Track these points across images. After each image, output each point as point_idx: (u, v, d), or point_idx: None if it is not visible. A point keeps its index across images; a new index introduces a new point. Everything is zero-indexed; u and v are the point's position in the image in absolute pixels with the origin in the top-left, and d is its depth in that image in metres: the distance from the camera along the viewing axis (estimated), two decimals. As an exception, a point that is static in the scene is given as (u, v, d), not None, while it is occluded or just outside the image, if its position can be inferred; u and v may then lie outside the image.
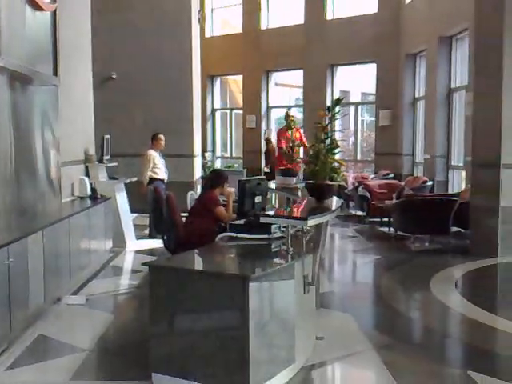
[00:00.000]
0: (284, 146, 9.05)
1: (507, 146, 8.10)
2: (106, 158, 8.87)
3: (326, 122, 5.42)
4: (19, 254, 4.66)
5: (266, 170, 14.48)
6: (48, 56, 6.52)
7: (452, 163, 11.90)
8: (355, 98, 18.07)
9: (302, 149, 9.30)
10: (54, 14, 6.50)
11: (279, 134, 11.37)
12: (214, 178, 5.99)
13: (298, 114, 16.77)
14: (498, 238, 8.10)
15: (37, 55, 6.17)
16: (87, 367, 4.32)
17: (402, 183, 11.72)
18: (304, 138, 10.23)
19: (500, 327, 5.29)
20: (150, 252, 7.75)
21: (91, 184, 7.95)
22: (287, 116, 9.34)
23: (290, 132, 9.06)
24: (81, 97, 8.27)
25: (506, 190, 8.13)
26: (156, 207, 6.16)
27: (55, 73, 6.62)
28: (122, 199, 8.81)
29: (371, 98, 16.04)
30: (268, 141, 15.18)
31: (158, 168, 9.04)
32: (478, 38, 8.80)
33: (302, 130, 11.10)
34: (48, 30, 6.49)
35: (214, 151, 18.38)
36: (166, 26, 11.90)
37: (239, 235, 4.57)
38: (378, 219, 10.99)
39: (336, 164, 5.43)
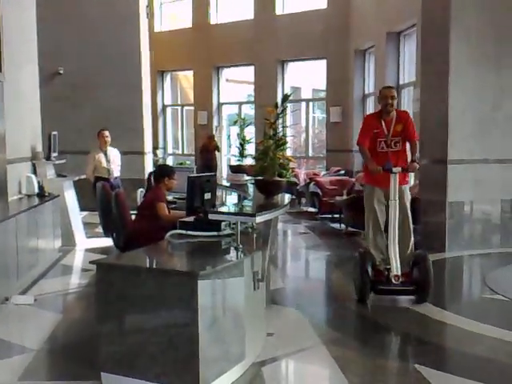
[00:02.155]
0: None
1: (454, 142, 8.29)
2: (54, 154, 8.71)
3: (275, 119, 5.45)
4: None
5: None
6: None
7: None
8: (306, 94, 18.20)
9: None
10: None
11: None
12: (156, 173, 5.95)
13: (250, 111, 16.82)
14: (445, 233, 8.31)
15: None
16: (36, 367, 4.27)
17: (353, 179, 11.87)
18: None
19: (448, 321, 5.40)
20: (101, 250, 7.65)
21: (39, 182, 7.82)
22: None
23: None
24: (27, 92, 8.12)
25: (452, 185, 8.33)
26: (105, 205, 6.09)
27: (0, 69, 6.48)
28: (70, 197, 8.69)
29: (322, 95, 16.19)
30: (211, 138, 15.05)
31: (103, 167, 8.94)
32: (425, 33, 8.94)
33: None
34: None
35: (165, 148, 18.25)
36: (114, 21, 11.74)
37: (189, 232, 4.56)
38: (330, 215, 11.11)
39: (285, 160, 5.48)
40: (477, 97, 8.33)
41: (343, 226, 10.16)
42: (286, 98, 5.67)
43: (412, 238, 5.89)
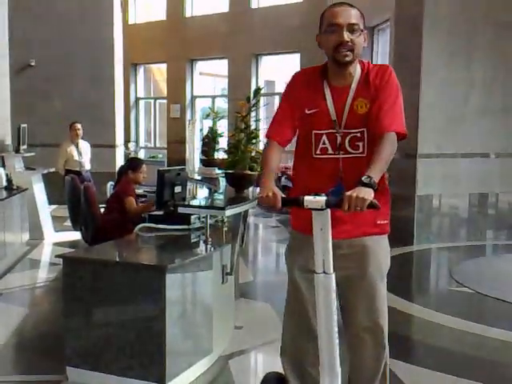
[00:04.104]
0: None
1: (424, 136, 8.38)
2: (23, 147, 8.62)
3: (247, 112, 5.46)
4: None
5: None
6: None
7: None
8: (281, 88, 18.21)
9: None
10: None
11: None
12: (125, 166, 5.92)
13: (223, 104, 16.77)
14: (414, 227, 8.41)
15: None
16: (1, 362, 4.23)
17: None
18: None
19: (414, 313, 5.47)
20: (70, 244, 7.58)
21: (7, 174, 7.70)
22: None
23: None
24: (-4, 84, 8.02)
25: (421, 179, 8.43)
26: (74, 198, 6.04)
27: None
28: (39, 190, 8.59)
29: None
30: None
31: (74, 160, 8.87)
32: (398, 28, 9.00)
33: None
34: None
35: (137, 141, 18.13)
36: (87, 12, 11.63)
37: (158, 226, 4.54)
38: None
39: (256, 154, 5.48)
40: (447, 92, 8.44)
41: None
42: (257, 91, 5.68)
43: (385, 354, 2.86)
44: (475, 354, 4.56)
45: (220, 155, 7.11)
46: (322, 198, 2.38)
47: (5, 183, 7.55)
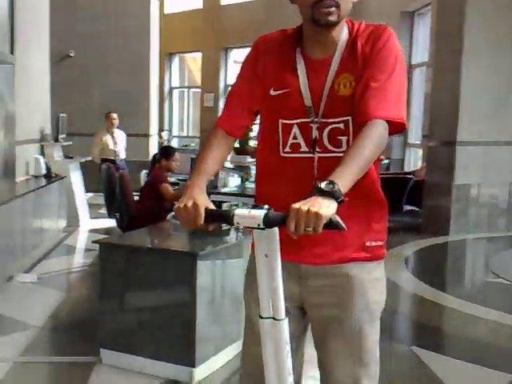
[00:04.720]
0: None
1: (464, 124, 8.12)
2: (62, 136, 8.80)
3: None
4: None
5: None
6: (4, 34, 6.43)
7: (409, 141, 11.79)
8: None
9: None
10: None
11: None
12: (158, 154, 5.99)
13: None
14: (450, 216, 8.22)
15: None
16: (38, 343, 4.34)
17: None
18: None
19: (447, 304, 5.39)
20: (105, 231, 7.71)
21: (46, 163, 7.89)
22: None
23: None
24: (37, 75, 8.16)
25: (460, 167, 8.20)
26: (109, 186, 6.13)
27: (11, 51, 6.53)
28: (76, 178, 8.74)
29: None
30: None
31: (109, 149, 9.00)
32: (439, 13, 8.75)
33: None
34: (5, 10, 6.39)
35: (170, 130, 18.26)
36: (125, 3, 11.75)
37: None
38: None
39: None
40: (490, 78, 8.14)
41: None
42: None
43: None
44: (509, 346, 4.49)
45: (252, 143, 7.10)
46: (260, 213, 1.61)
47: (44, 171, 7.73)
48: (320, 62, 1.91)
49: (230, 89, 2.11)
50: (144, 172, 7.69)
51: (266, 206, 1.62)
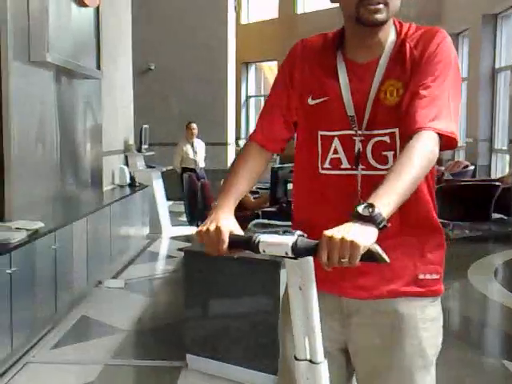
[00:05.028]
0: None
1: None
2: (144, 147, 9.13)
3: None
4: (65, 239, 4.91)
5: None
6: (92, 50, 6.75)
7: (495, 147, 11.31)
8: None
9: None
10: (97, 9, 6.72)
11: None
12: None
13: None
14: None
15: (81, 50, 6.41)
16: (125, 347, 4.54)
17: (442, 168, 11.12)
18: None
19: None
20: (185, 238, 7.98)
21: (130, 173, 8.21)
22: None
23: None
24: (121, 88, 8.51)
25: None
26: (191, 195, 6.35)
27: (98, 66, 6.86)
28: (158, 187, 9.03)
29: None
30: None
31: (190, 158, 9.29)
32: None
33: None
34: (92, 26, 6.72)
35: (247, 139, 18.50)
36: (201, 15, 12.07)
37: (271, 222, 4.66)
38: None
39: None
40: None
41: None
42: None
43: None
44: None
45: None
46: (288, 240, 1.41)
47: (128, 180, 8.06)
48: (364, 66, 1.71)
49: (265, 99, 1.91)
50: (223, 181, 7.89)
51: (299, 232, 1.42)
